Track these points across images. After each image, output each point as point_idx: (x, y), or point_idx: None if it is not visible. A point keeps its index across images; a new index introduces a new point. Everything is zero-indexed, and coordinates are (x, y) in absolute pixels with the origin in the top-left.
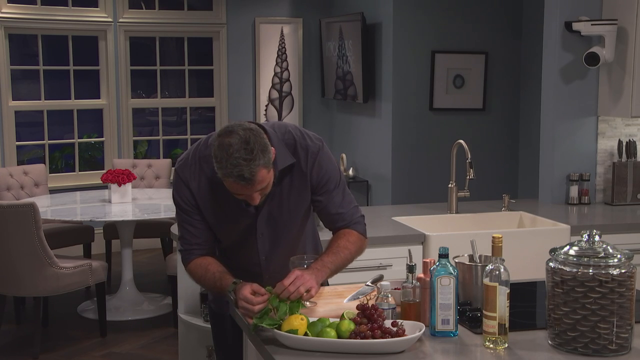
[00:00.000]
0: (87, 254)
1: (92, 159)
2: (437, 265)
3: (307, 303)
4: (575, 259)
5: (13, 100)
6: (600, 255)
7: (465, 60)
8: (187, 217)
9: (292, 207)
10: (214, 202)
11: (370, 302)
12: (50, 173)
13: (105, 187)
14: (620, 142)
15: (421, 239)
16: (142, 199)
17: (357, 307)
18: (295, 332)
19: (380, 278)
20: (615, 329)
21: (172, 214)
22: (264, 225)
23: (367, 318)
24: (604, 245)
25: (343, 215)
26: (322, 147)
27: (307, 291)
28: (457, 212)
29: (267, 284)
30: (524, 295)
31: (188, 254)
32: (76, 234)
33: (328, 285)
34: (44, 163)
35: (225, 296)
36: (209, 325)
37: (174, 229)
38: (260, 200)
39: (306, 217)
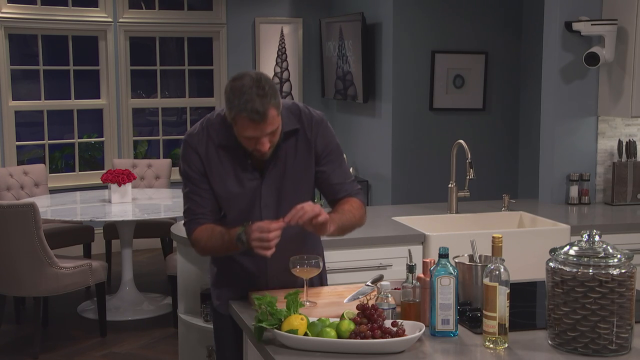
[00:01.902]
0: (87, 254)
1: (92, 159)
2: (437, 265)
3: (307, 303)
4: (575, 259)
5: (13, 100)
6: (600, 255)
7: (465, 60)
8: (194, 187)
9: (295, 177)
10: (221, 168)
11: (370, 302)
12: (50, 173)
13: (105, 187)
14: (620, 142)
15: (421, 239)
16: (142, 199)
17: (357, 307)
18: (295, 332)
19: (380, 278)
20: (615, 329)
21: (172, 214)
22: (269, 193)
23: (367, 318)
24: (604, 245)
25: (344, 186)
26: (325, 119)
27: (316, 218)
28: (457, 212)
29: (271, 262)
30: (524, 295)
31: (193, 224)
32: (76, 234)
33: (327, 285)
34: (44, 163)
35: (234, 249)
36: (209, 325)
37: (174, 229)
38: (270, 149)
39: (309, 196)
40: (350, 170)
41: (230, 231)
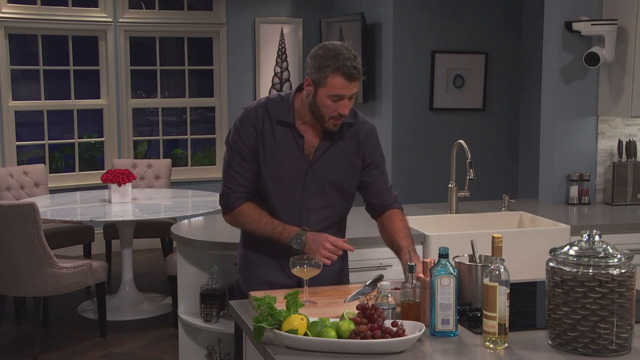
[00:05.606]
0: (87, 254)
1: (92, 159)
2: (437, 265)
3: (307, 303)
4: (575, 259)
5: (13, 100)
6: (600, 255)
7: (465, 60)
8: (241, 162)
9: (340, 169)
10: (273, 144)
11: (370, 302)
12: (50, 173)
13: (105, 187)
14: (620, 142)
15: (421, 239)
16: (142, 199)
17: (357, 307)
18: (295, 332)
19: (380, 278)
20: (615, 329)
21: (172, 214)
22: (313, 179)
23: (367, 318)
24: (604, 245)
25: (390, 190)
26: (375, 128)
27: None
28: (457, 212)
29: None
30: (524, 295)
31: (236, 197)
32: (76, 234)
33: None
34: (44, 163)
35: (278, 241)
36: (209, 325)
37: (174, 229)
38: (342, 120)
39: (348, 198)
40: None
41: (287, 227)
